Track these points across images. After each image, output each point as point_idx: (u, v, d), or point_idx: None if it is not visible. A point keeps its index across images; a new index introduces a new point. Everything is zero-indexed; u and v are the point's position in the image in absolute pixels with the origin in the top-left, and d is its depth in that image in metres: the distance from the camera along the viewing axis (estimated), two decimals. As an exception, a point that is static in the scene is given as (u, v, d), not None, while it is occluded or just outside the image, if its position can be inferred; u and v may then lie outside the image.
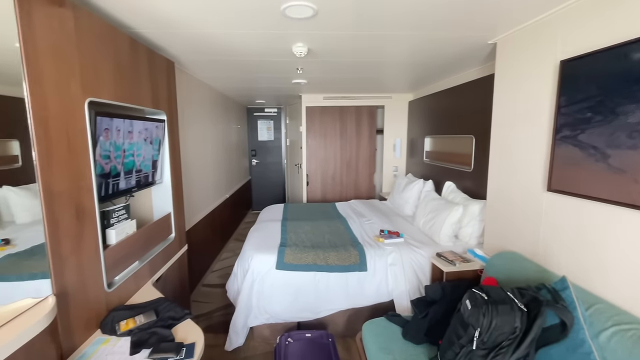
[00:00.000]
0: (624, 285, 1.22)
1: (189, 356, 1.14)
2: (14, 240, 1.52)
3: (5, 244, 1.49)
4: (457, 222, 2.38)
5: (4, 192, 1.68)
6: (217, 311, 2.61)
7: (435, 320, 1.60)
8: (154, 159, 1.83)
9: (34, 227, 1.28)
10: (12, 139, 1.66)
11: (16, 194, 1.70)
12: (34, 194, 1.19)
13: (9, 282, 1.31)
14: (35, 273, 1.21)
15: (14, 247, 1.48)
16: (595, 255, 1.33)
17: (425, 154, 3.66)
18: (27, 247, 1.48)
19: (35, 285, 1.11)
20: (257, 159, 5.94)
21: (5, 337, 0.87)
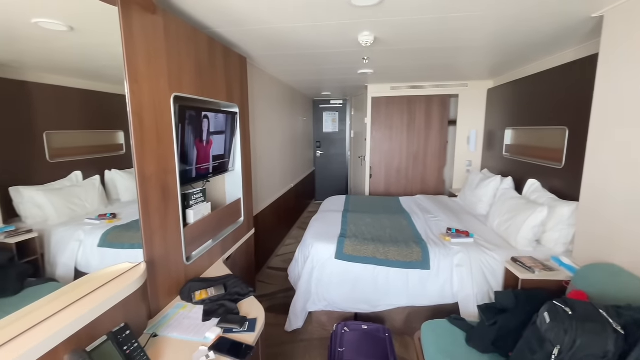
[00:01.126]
0: None
1: (251, 330, 1.24)
2: (119, 215, 1.84)
3: (113, 217, 1.81)
4: (539, 225, 2.10)
5: (113, 175, 2.03)
6: (279, 293, 2.77)
7: (506, 330, 1.45)
8: (227, 148, 2.00)
9: (134, 205, 1.52)
10: (119, 130, 1.98)
11: (121, 176, 2.04)
12: (133, 177, 1.41)
13: (114, 249, 1.60)
14: (133, 243, 1.45)
15: (119, 221, 1.78)
16: None
17: (504, 148, 3.29)
18: (128, 221, 1.78)
19: (133, 253, 1.32)
20: (322, 151, 6.05)
21: (111, 290, 1.05)
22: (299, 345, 2.14)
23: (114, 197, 2.03)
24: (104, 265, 1.21)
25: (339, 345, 1.76)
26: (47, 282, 1.66)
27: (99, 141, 1.93)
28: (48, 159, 1.65)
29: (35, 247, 1.57)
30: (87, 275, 1.19)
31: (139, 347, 1.04)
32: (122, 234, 1.67)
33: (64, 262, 1.62)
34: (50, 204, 1.66)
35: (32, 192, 1.61)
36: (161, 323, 1.28)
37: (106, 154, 1.96)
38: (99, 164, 1.94)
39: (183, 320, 1.30)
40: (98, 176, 1.93)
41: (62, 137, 1.74)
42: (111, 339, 0.99)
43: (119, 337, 1.01)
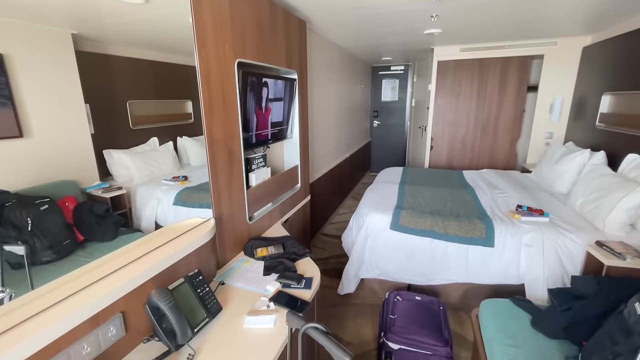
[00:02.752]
0: None
1: (307, 287, 1.30)
2: (190, 177, 2.03)
3: (185, 179, 2.01)
4: (638, 207, 1.79)
5: (184, 142, 2.23)
6: (332, 258, 2.86)
7: (582, 318, 1.31)
8: (285, 115, 2.03)
9: (202, 169, 1.66)
10: (187, 100, 2.14)
11: (191, 143, 2.23)
12: (201, 144, 1.53)
13: (186, 207, 1.78)
14: (202, 203, 1.59)
15: (190, 183, 1.97)
16: None
17: (599, 117, 2.80)
18: (197, 183, 1.96)
19: (202, 212, 1.45)
20: (379, 121, 5.84)
21: (187, 240, 1.19)
22: (351, 308, 2.22)
23: (184, 161, 2.25)
24: (178, 220, 1.35)
25: (391, 312, 1.77)
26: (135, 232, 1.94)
27: (171, 110, 2.12)
28: (131, 126, 1.86)
29: (124, 202, 1.83)
30: (166, 226, 1.35)
31: (210, 291, 1.17)
32: (193, 194, 1.86)
33: (147, 215, 1.87)
34: (134, 166, 1.90)
35: (121, 155, 1.85)
36: (227, 273, 1.41)
37: (177, 122, 2.14)
38: (172, 132, 2.14)
39: (246, 273, 1.42)
40: (171, 142, 2.14)
41: (141, 106, 1.94)
42: (187, 281, 1.13)
43: (193, 281, 1.15)
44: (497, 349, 1.33)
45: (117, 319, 0.94)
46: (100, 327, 0.89)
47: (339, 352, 0.67)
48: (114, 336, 0.93)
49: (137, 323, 1.01)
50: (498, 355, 1.31)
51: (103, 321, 0.90)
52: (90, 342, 0.87)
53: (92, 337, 0.87)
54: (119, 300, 0.94)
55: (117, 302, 0.93)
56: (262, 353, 0.98)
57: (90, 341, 0.87)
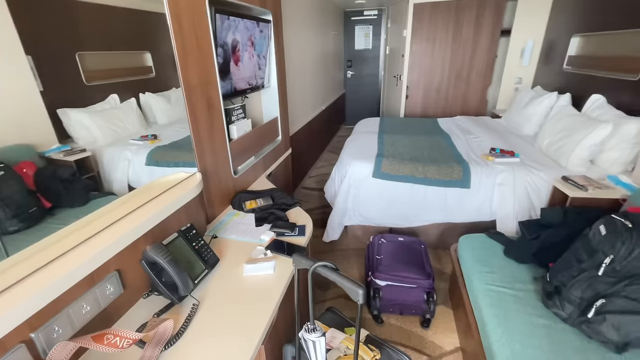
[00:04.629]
0: None
1: (301, 234, 1.33)
2: (160, 136, 1.89)
3: (154, 138, 1.87)
4: (599, 143, 1.94)
5: (147, 98, 2.04)
6: (315, 209, 2.92)
7: (549, 244, 1.47)
8: (262, 63, 1.89)
9: (171, 127, 1.55)
10: (145, 52, 1.91)
11: (155, 99, 2.04)
12: (167, 100, 1.40)
13: (160, 167, 1.68)
14: (177, 162, 1.51)
15: (160, 142, 1.84)
16: None
17: (566, 60, 2.89)
18: (169, 142, 1.83)
19: (178, 172, 1.37)
20: (353, 71, 5.67)
21: (175, 195, 1.14)
22: (337, 253, 2.32)
23: (150, 119, 2.07)
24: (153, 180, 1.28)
25: (377, 253, 1.88)
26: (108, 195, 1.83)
27: (128, 63, 1.89)
28: (85, 81, 1.65)
29: (91, 165, 1.69)
30: (149, 182, 1.27)
31: (205, 244, 1.15)
32: (166, 153, 1.75)
33: (118, 178, 1.75)
34: (95, 125, 1.73)
35: (78, 114, 1.66)
36: (219, 227, 1.40)
37: (137, 77, 1.93)
38: (132, 88, 1.93)
39: (238, 225, 1.41)
40: (134, 99, 1.95)
41: (93, 58, 1.70)
42: (181, 235, 1.10)
43: (187, 235, 1.12)
44: (475, 277, 1.47)
45: (113, 277, 0.91)
46: (96, 285, 0.86)
47: (352, 285, 0.70)
48: (112, 294, 0.91)
49: (135, 280, 0.99)
50: (476, 281, 1.45)
51: (98, 280, 0.87)
52: (89, 300, 0.84)
53: (90, 295, 0.85)
54: (113, 259, 0.90)
55: (111, 260, 0.89)
56: (265, 296, 1.01)
57: (88, 300, 0.84)
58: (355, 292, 0.70)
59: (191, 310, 0.96)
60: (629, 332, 1.02)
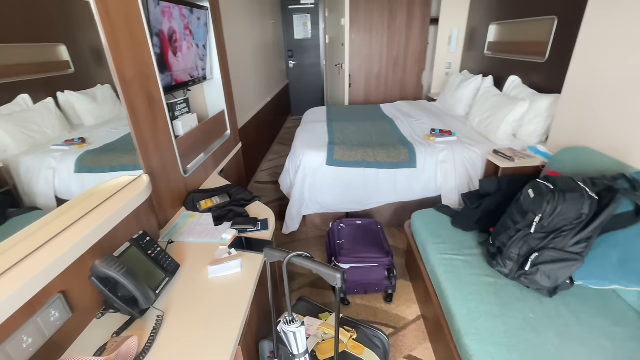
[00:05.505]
0: None
1: (265, 228, 1.30)
2: (89, 139, 1.68)
3: (82, 142, 1.66)
4: (519, 119, 2.21)
5: (68, 97, 1.79)
6: (272, 202, 2.88)
7: (488, 211, 1.64)
8: (202, 53, 1.78)
9: (102, 128, 1.38)
10: (58, 44, 1.66)
11: (78, 98, 1.80)
12: (92, 98, 1.25)
13: (94, 173, 1.50)
14: (113, 166, 1.36)
15: (90, 145, 1.64)
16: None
17: (487, 46, 3.21)
18: (100, 145, 1.64)
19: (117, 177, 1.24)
20: (294, 61, 5.62)
21: (121, 201, 1.03)
22: (297, 244, 2.33)
23: (75, 122, 1.82)
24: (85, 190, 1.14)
25: (338, 238, 1.93)
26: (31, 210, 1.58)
27: (39, 57, 1.63)
28: None
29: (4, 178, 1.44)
30: (86, 191, 1.13)
31: (162, 250, 1.07)
32: (99, 157, 1.56)
33: (42, 190, 1.52)
34: (3, 131, 1.48)
35: (-21, 119, 1.40)
36: (173, 231, 1.30)
37: (52, 74, 1.68)
38: (47, 86, 1.68)
39: (195, 227, 1.33)
40: (51, 99, 1.70)
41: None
42: (134, 244, 1.01)
43: (140, 243, 1.03)
44: (429, 247, 1.59)
45: (57, 301, 0.80)
46: (37, 313, 0.75)
47: (329, 270, 0.71)
48: (58, 320, 0.80)
49: (85, 300, 0.88)
50: (431, 252, 1.57)
51: (39, 307, 0.76)
52: (30, 332, 0.73)
53: (31, 326, 0.74)
54: (55, 281, 0.79)
55: (53, 282, 0.78)
56: (236, 295, 0.98)
57: (29, 331, 0.73)
58: (334, 277, 0.71)
59: (156, 322, 0.89)
60: (558, 278, 1.20)
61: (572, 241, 1.17)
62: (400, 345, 1.56)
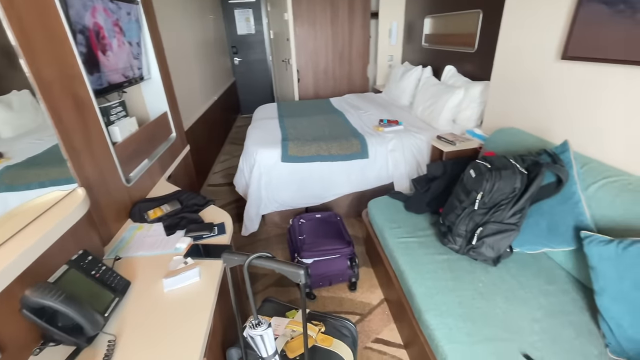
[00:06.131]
0: (617, 145, 1.31)
1: (222, 232, 1.25)
2: (7, 153, 1.47)
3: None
4: (457, 105, 2.38)
5: None
6: (228, 205, 2.78)
7: (437, 193, 1.76)
8: (136, 50, 1.64)
9: (23, 140, 1.22)
10: None
11: None
12: (6, 106, 1.09)
13: (18, 191, 1.31)
14: (42, 182, 1.20)
15: (10, 160, 1.43)
16: (593, 121, 1.38)
17: (424, 38, 3.40)
18: (24, 158, 1.44)
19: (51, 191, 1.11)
20: (240, 57, 5.44)
21: (53, 219, 0.91)
22: (259, 244, 2.29)
23: (-14, 134, 1.58)
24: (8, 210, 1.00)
25: (299, 234, 1.93)
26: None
27: None
28: None
29: None
30: (8, 212, 0.99)
31: (108, 268, 0.98)
32: (23, 172, 1.37)
33: (-50, 215, 1.31)
34: None
35: None
36: (120, 246, 1.20)
37: None
38: None
39: (144, 239, 1.24)
40: None
41: None
42: (73, 266, 0.91)
43: (81, 264, 0.93)
44: (386, 233, 1.66)
45: (-19, 342, 0.70)
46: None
47: (292, 268, 0.71)
48: (-16, 364, 0.70)
49: (16, 336, 0.78)
50: (388, 237, 1.64)
51: (-42, 352, 0.66)
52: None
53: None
54: (-24, 318, 0.68)
55: (-27, 321, 0.68)
56: (197, 306, 0.93)
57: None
58: (297, 274, 0.71)
59: (108, 348, 0.81)
60: (500, 248, 1.33)
61: (509, 213, 1.30)
62: (368, 330, 1.62)
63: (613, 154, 1.32)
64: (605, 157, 1.35)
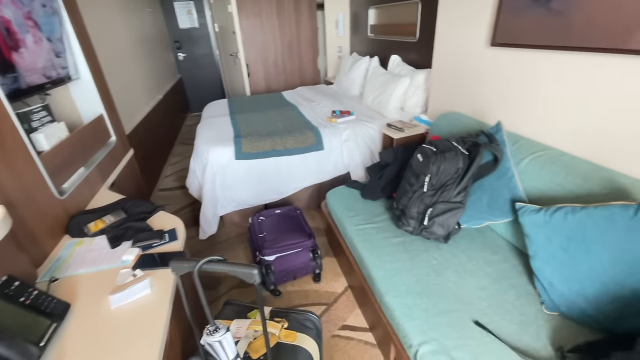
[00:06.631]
0: (541, 124, 1.45)
1: (173, 239, 1.19)
2: None
3: None
4: (403, 93, 2.47)
5: None
6: (182, 209, 2.65)
7: (390, 179, 1.82)
8: (59, 47, 1.47)
9: None
10: None
11: None
12: None
13: None
14: None
15: None
16: (523, 102, 1.52)
17: (369, 29, 3.47)
18: None
19: None
20: (184, 52, 5.15)
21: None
22: (219, 247, 2.22)
23: None
24: None
25: (259, 232, 1.90)
26: None
27: None
28: None
29: None
30: None
31: (41, 292, 0.88)
32: None
33: None
34: None
35: None
36: (56, 266, 1.09)
37: None
38: None
39: (86, 255, 1.14)
40: None
41: None
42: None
43: (6, 292, 0.83)
44: (345, 222, 1.70)
45: None
46: None
47: (244, 269, 0.69)
48: None
49: None
50: (347, 225, 1.67)
51: None
52: None
53: None
54: None
55: None
56: (149, 319, 0.88)
57: None
58: (250, 274, 0.69)
59: (48, 378, 0.74)
60: (449, 225, 1.42)
61: (454, 192, 1.39)
62: (334, 319, 1.65)
63: (539, 131, 1.47)
64: (532, 134, 1.50)
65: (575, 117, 1.32)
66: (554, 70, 1.35)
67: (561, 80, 1.34)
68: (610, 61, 1.17)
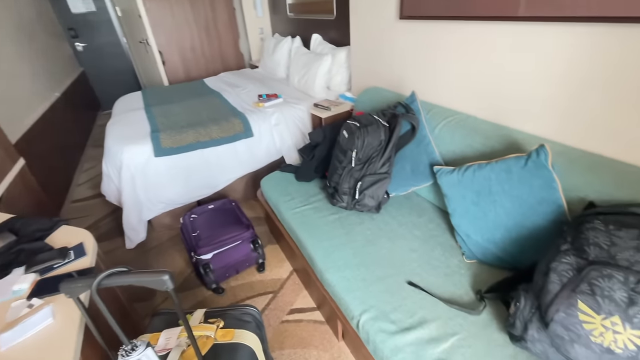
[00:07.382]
0: (449, 91, 1.56)
1: (81, 255, 1.04)
2: None
3: None
4: (327, 72, 2.47)
5: None
6: (102, 220, 2.37)
7: (321, 158, 1.82)
8: None
9: None
10: None
11: None
12: None
13: None
14: None
15: None
16: (432, 72, 1.61)
17: (288, 8, 3.35)
18: None
19: None
20: (83, 42, 4.47)
21: None
22: (151, 253, 2.04)
23: None
24: None
25: (192, 231, 1.78)
26: None
27: None
28: None
29: None
30: None
31: None
32: None
33: None
34: None
35: None
36: None
37: None
38: None
39: (-37, 293, 0.94)
40: None
41: None
42: None
43: None
44: (282, 207, 1.67)
45: None
46: None
47: (154, 276, 0.62)
48: None
49: None
50: (284, 210, 1.64)
51: None
52: None
53: None
54: None
55: None
56: (54, 353, 0.76)
57: None
58: (161, 282, 0.62)
59: None
60: (379, 196, 1.47)
61: (380, 164, 1.44)
62: (282, 304, 1.64)
63: (448, 97, 1.58)
64: (443, 101, 1.60)
65: (476, 82, 1.44)
66: (456, 39, 1.45)
67: (462, 49, 1.44)
68: (503, 28, 1.27)
